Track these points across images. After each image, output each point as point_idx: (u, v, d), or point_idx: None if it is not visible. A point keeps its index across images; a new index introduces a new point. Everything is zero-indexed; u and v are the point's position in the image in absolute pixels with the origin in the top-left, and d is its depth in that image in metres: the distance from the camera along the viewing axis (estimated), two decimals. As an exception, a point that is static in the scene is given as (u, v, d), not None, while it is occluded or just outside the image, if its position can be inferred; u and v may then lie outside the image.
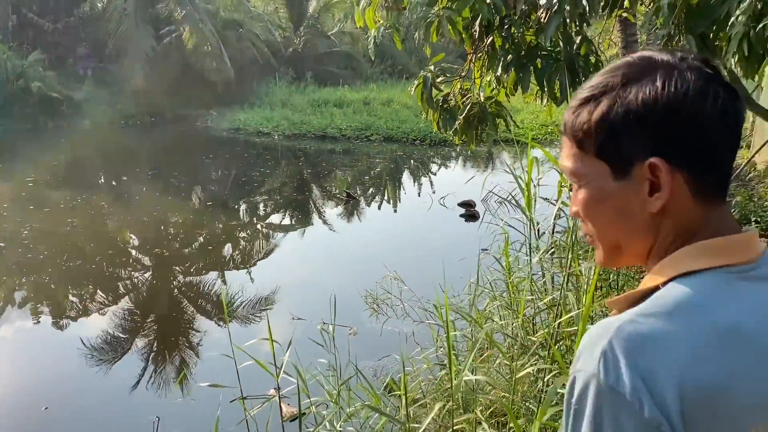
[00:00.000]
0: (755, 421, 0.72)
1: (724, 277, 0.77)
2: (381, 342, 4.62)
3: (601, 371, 0.71)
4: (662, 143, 0.78)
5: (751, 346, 0.73)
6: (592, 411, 0.72)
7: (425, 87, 5.24)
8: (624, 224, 0.83)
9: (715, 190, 0.80)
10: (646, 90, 0.78)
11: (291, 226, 9.56)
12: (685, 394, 0.69)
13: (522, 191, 3.31)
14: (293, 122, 17.88)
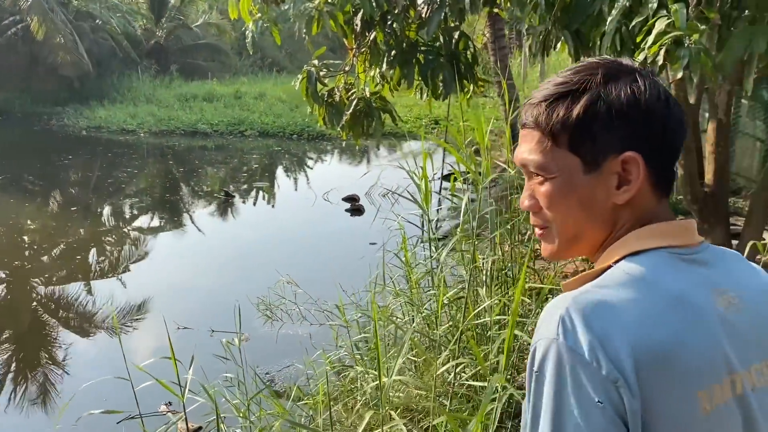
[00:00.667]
0: (702, 387, 0.77)
1: (669, 256, 0.84)
2: (278, 348, 4.47)
3: (560, 335, 0.76)
4: (639, 139, 0.84)
5: (696, 315, 0.80)
6: (554, 372, 0.76)
7: (310, 82, 5.13)
8: (586, 216, 0.87)
9: (668, 184, 0.88)
10: (628, 89, 0.83)
11: (165, 229, 9.06)
12: (638, 354, 0.74)
13: (417, 185, 3.30)
14: (160, 118, 16.97)
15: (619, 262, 0.84)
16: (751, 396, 0.81)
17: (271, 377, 4.13)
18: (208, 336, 4.88)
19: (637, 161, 0.83)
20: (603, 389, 0.73)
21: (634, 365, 0.74)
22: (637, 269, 0.82)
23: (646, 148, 0.84)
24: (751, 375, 0.82)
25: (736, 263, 0.90)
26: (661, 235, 0.85)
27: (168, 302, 5.96)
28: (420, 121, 15.57)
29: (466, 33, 5.21)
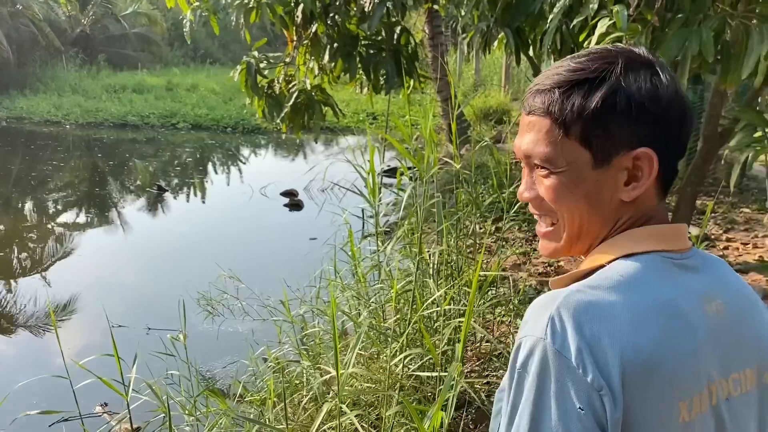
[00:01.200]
0: (683, 397, 0.76)
1: (662, 261, 0.82)
2: (219, 345, 4.37)
3: (549, 336, 0.74)
4: (655, 136, 0.81)
5: (683, 323, 0.78)
6: (538, 373, 0.74)
7: (249, 73, 5.04)
8: (591, 211, 0.84)
9: (670, 183, 0.86)
10: (649, 82, 0.80)
11: (93, 225, 8.71)
12: (626, 363, 0.73)
13: (364, 179, 3.29)
14: (87, 110, 16.29)
15: (613, 263, 0.82)
16: (725, 405, 0.81)
17: (213, 375, 4.04)
18: (144, 335, 4.73)
19: (651, 158, 0.80)
20: (586, 396, 0.72)
21: (621, 374, 0.72)
22: (631, 273, 0.79)
23: (661, 145, 0.81)
24: (729, 384, 0.82)
25: (722, 269, 0.89)
26: (656, 238, 0.83)
27: (99, 300, 5.72)
28: (358, 116, 15.55)
29: (407, 28, 5.24)
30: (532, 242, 5.95)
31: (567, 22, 3.43)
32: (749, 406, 0.84)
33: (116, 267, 6.73)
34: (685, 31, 3.00)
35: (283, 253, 6.56)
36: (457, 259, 3.26)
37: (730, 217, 6.43)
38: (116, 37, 22.91)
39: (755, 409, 0.85)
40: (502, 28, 4.08)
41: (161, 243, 7.59)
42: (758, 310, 0.89)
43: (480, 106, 13.59)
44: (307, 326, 3.16)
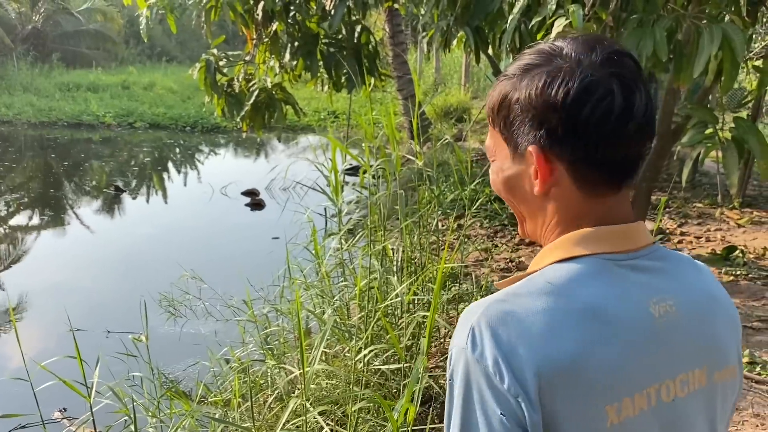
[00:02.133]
0: (610, 401, 0.77)
1: (601, 263, 0.81)
2: (181, 347, 4.31)
3: (469, 345, 0.77)
4: (541, 135, 0.81)
5: (609, 328, 0.78)
6: (462, 381, 0.78)
7: (208, 71, 4.99)
8: (521, 201, 0.89)
9: (602, 182, 0.83)
10: (534, 83, 0.81)
11: (48, 227, 8.49)
12: (542, 369, 0.74)
13: (327, 178, 3.29)
14: (40, 109, 15.85)
15: (546, 268, 0.83)
16: (670, 405, 0.82)
17: (176, 377, 3.99)
18: (104, 338, 4.64)
19: (538, 156, 0.82)
20: (505, 402, 0.75)
21: (537, 380, 0.74)
22: (559, 278, 0.80)
23: (548, 143, 0.81)
24: (675, 384, 0.82)
25: (681, 267, 0.88)
26: (595, 241, 0.82)
27: (56, 304, 5.59)
28: (320, 115, 15.50)
29: (368, 27, 5.25)
30: (494, 239, 6.03)
31: (525, 21, 3.49)
32: (698, 405, 0.85)
33: (73, 270, 6.57)
34: (640, 31, 3.09)
35: (245, 253, 6.50)
36: (420, 255, 3.28)
37: (684, 211, 6.63)
38: (70, 34, 22.34)
39: (706, 407, 0.86)
40: (462, 27, 4.12)
41: (120, 245, 7.44)
42: (717, 309, 0.88)
43: (441, 105, 13.69)
44: (270, 326, 3.15)
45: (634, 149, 0.82)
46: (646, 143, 0.83)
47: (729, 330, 0.89)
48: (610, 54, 0.80)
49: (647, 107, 0.81)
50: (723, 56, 2.95)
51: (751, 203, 6.73)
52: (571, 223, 0.85)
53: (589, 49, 0.81)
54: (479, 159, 9.59)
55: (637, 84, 0.80)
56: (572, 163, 0.82)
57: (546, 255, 0.85)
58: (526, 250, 5.68)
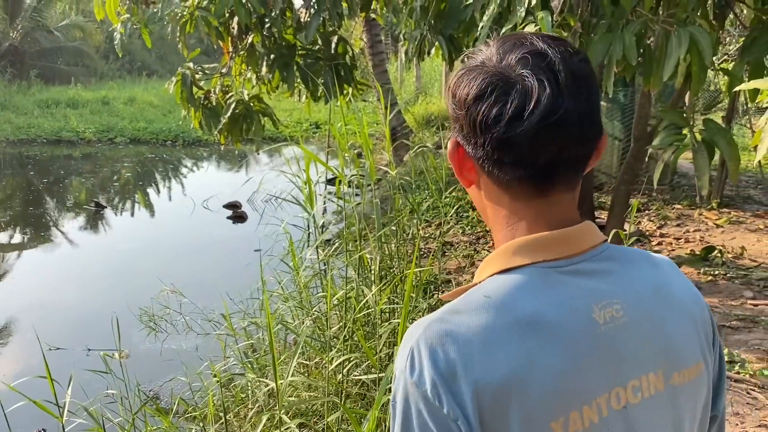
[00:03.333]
0: (556, 417, 0.74)
1: (540, 272, 0.79)
2: (162, 363, 4.27)
3: (408, 368, 0.75)
4: (459, 131, 0.83)
5: (550, 339, 0.75)
6: (402, 405, 0.75)
7: (185, 85, 4.98)
8: (468, 191, 0.89)
9: (526, 185, 0.80)
10: (455, 80, 0.82)
11: (28, 245, 8.39)
12: (480, 390, 0.72)
13: (300, 189, 3.29)
14: (18, 126, 15.72)
15: (484, 281, 0.81)
16: (621, 414, 0.78)
17: (155, 393, 3.95)
18: (84, 355, 4.59)
19: (454, 149, 0.84)
20: (445, 425, 0.72)
21: (477, 402, 0.72)
22: (497, 291, 0.78)
23: (463, 140, 0.83)
24: (627, 391, 0.79)
25: (632, 267, 0.85)
26: (533, 249, 0.80)
27: (35, 322, 5.51)
28: (301, 125, 15.50)
29: (344, 38, 5.27)
30: (476, 245, 6.04)
31: (497, 28, 3.51)
32: (656, 410, 0.81)
33: (54, 288, 6.50)
34: (609, 36, 3.12)
35: (226, 266, 6.47)
36: (399, 264, 3.29)
37: (663, 213, 6.69)
38: (48, 50, 22.21)
39: (666, 411, 0.82)
40: (436, 36, 4.15)
41: (101, 261, 7.37)
42: (671, 308, 0.85)
43: (421, 113, 13.74)
44: (249, 339, 3.13)
45: (546, 153, 0.77)
46: (572, 147, 0.78)
47: (688, 328, 0.85)
48: (525, 54, 0.78)
49: (567, 108, 0.76)
50: (691, 59, 2.99)
51: (729, 203, 6.81)
52: (505, 226, 0.83)
53: (509, 50, 0.79)
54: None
55: (551, 85, 0.76)
56: (479, 162, 0.81)
57: (486, 266, 0.83)
58: (507, 255, 5.70)
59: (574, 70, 0.77)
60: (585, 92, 0.78)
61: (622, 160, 7.23)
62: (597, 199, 6.87)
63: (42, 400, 2.02)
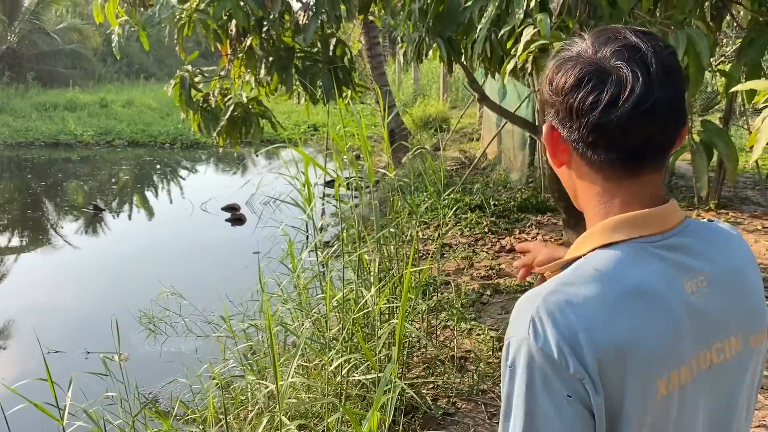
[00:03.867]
0: (661, 375, 0.85)
1: (638, 247, 0.89)
2: (162, 365, 4.27)
3: (531, 335, 0.83)
4: (552, 115, 0.93)
5: (654, 308, 0.86)
6: (525, 369, 0.83)
7: (183, 87, 4.97)
8: (558, 173, 0.99)
9: (617, 166, 0.89)
10: (552, 71, 0.92)
11: (27, 248, 8.39)
12: (600, 353, 0.81)
13: (300, 192, 3.29)
14: (16, 129, 15.71)
15: (589, 255, 0.90)
16: (707, 373, 0.90)
17: (155, 395, 3.95)
18: (84, 358, 4.58)
19: (549, 132, 0.93)
20: (571, 385, 0.81)
21: (597, 363, 0.81)
22: (604, 264, 0.87)
23: (558, 123, 0.92)
24: (711, 353, 0.90)
25: (712, 241, 0.95)
26: (630, 226, 0.89)
27: (35, 325, 5.52)
28: (300, 128, 15.50)
29: (342, 40, 5.27)
30: (475, 246, 6.05)
31: (495, 30, 3.52)
32: (735, 370, 0.93)
33: (53, 291, 6.50)
34: (606, 37, 3.13)
35: (226, 269, 6.46)
36: (397, 265, 3.29)
37: (661, 214, 6.69)
38: (46, 53, 22.21)
39: (742, 372, 0.94)
40: (434, 38, 4.16)
41: (100, 264, 7.37)
42: (748, 277, 0.96)
43: (420, 115, 13.76)
44: (249, 341, 3.13)
45: (636, 137, 0.86)
46: (660, 133, 0.87)
47: (758, 295, 0.96)
48: (620, 47, 0.86)
49: (658, 97, 0.84)
50: (689, 61, 3.00)
51: (727, 204, 6.81)
52: (598, 203, 0.93)
53: (604, 42, 0.88)
54: (458, 168, 9.63)
55: (644, 74, 0.84)
56: (573, 144, 0.91)
57: (585, 241, 0.93)
58: (506, 257, 5.71)
59: (664, 62, 0.86)
60: (673, 83, 0.86)
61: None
62: (595, 200, 6.86)
63: (42, 403, 2.02)
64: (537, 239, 6.17)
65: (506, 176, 8.47)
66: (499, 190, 7.80)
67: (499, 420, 0.90)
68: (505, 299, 4.65)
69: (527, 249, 1.29)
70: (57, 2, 22.44)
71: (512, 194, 7.48)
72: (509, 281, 4.92)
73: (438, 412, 3.16)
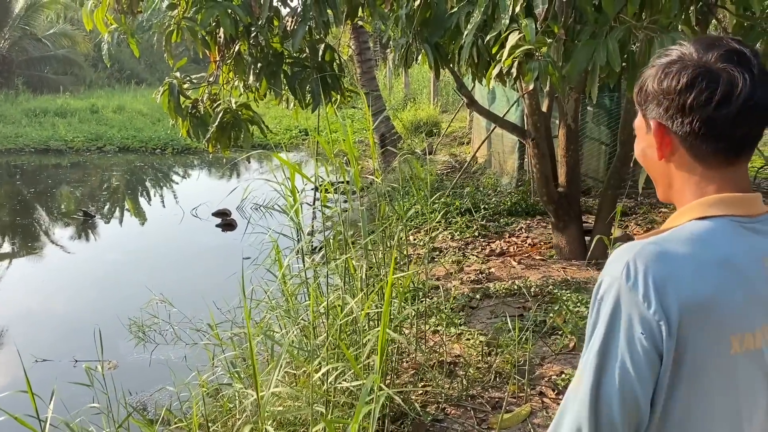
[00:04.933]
0: (735, 331, 0.98)
1: (730, 224, 1.02)
2: (151, 374, 4.24)
3: (624, 276, 0.97)
4: (660, 113, 1.04)
5: (738, 275, 0.99)
6: (612, 303, 0.98)
7: (172, 94, 4.95)
8: (651, 167, 1.11)
9: (713, 155, 1.03)
10: (659, 74, 1.04)
11: (16, 255, 8.33)
12: (683, 303, 0.94)
13: (285, 198, 3.28)
14: (6, 136, 15.63)
15: (687, 223, 1.03)
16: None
17: (143, 404, 3.92)
18: (71, 367, 4.55)
19: (657, 129, 1.05)
20: (647, 324, 0.95)
21: (679, 311, 0.94)
22: (699, 231, 1.00)
23: (665, 119, 1.03)
24: None
25: None
26: (727, 204, 1.02)
27: (21, 334, 5.49)
28: (291, 132, 15.48)
29: (331, 45, 5.27)
30: (465, 250, 6.05)
31: (482, 36, 3.53)
32: None
33: (42, 298, 6.45)
34: (593, 42, 3.14)
35: (216, 275, 6.43)
36: (385, 271, 3.28)
37: (650, 217, 6.73)
38: (35, 59, 22.13)
39: None
40: (422, 44, 4.16)
41: (90, 271, 7.33)
42: None
43: (410, 119, 13.77)
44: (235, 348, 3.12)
45: (741, 130, 1.00)
46: (758, 127, 1.01)
47: None
48: (725, 52, 1.00)
49: (759, 96, 0.98)
50: (673, 65, 3.02)
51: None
52: (695, 189, 1.05)
53: (707, 48, 1.01)
54: (449, 172, 9.64)
55: (748, 75, 0.98)
56: (682, 138, 1.03)
57: (684, 213, 1.05)
58: (496, 261, 5.71)
59: (759, 65, 1.00)
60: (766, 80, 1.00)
61: (608, 165, 7.26)
62: (584, 203, 6.90)
63: (23, 415, 2.00)
64: (526, 242, 6.18)
65: (496, 180, 8.48)
66: (489, 194, 7.81)
67: (486, 425, 0.96)
68: (494, 303, 4.65)
69: None
70: (47, 8, 22.34)
71: (502, 198, 7.49)
72: (499, 285, 4.93)
73: (427, 419, 3.16)
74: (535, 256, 5.76)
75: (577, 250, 5.50)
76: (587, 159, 7.65)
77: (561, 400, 3.59)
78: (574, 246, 5.50)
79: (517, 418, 3.18)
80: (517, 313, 4.38)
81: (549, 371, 3.64)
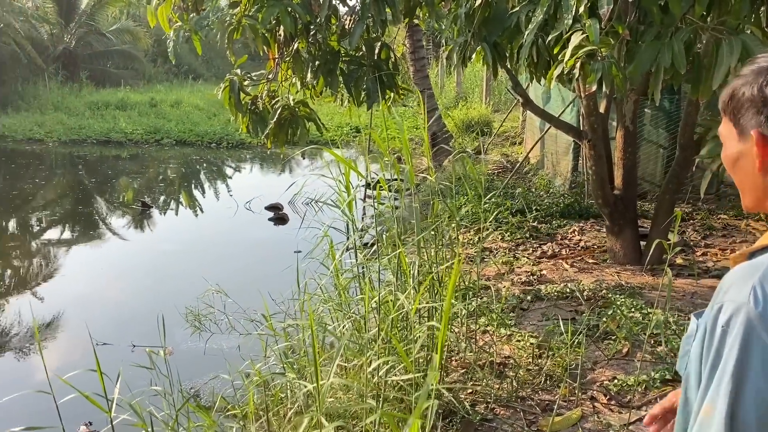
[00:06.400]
0: None
1: None
2: (205, 361, 4.36)
3: (752, 301, 0.92)
4: (761, 121, 1.01)
5: None
6: (742, 331, 0.92)
7: (233, 91, 5.07)
8: (743, 176, 1.08)
9: None
10: (758, 81, 1.01)
11: (78, 242, 8.67)
12: None
13: (339, 193, 3.33)
14: (70, 127, 16.24)
15: None
16: None
17: (196, 390, 4.04)
18: (129, 352, 4.71)
19: (759, 138, 1.01)
20: None
21: None
22: None
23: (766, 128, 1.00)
24: None
25: None
26: None
27: (84, 318, 5.69)
28: (342, 130, 15.61)
29: (387, 44, 5.30)
30: (516, 251, 6.01)
31: (543, 35, 3.50)
32: None
33: (101, 285, 6.70)
34: (657, 43, 3.09)
35: (268, 267, 6.56)
36: (437, 268, 3.30)
37: (708, 223, 6.54)
38: (99, 54, 22.90)
39: None
40: (480, 43, 4.15)
41: (147, 259, 7.57)
42: None
43: (462, 118, 13.71)
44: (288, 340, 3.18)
45: None
46: None
47: None
48: None
49: None
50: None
51: (779, 215, 6.61)
52: None
53: None
54: (500, 172, 9.57)
55: None
56: None
57: None
58: (547, 263, 5.65)
59: None
60: None
61: (666, 169, 7.09)
62: (640, 207, 6.75)
63: (91, 394, 2.09)
64: (579, 245, 6.09)
65: (549, 181, 8.38)
66: (541, 195, 7.72)
67: (536, 428, 0.94)
68: (546, 306, 4.60)
69: (657, 414, 1.34)
70: (111, 4, 23.10)
71: (555, 199, 7.39)
72: (550, 288, 4.87)
73: (476, 418, 3.16)
74: (588, 260, 5.67)
75: (631, 254, 5.39)
76: (644, 162, 7.48)
77: (613, 406, 3.53)
78: (629, 250, 5.40)
79: (567, 422, 3.15)
80: (569, 317, 4.33)
81: (601, 376, 3.59)
